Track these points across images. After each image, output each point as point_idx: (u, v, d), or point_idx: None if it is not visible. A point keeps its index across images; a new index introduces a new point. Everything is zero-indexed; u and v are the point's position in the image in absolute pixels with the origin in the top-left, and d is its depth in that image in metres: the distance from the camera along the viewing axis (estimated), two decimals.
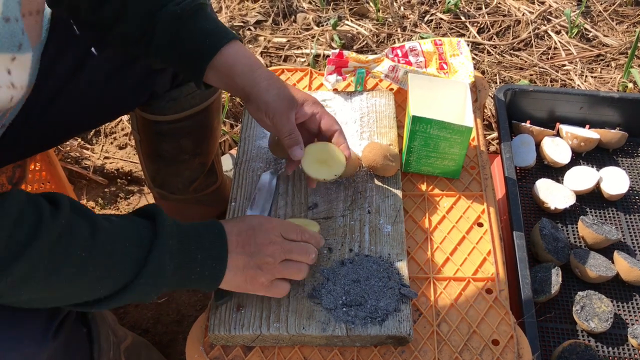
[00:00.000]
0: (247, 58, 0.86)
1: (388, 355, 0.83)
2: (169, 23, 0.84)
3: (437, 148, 0.98)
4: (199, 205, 1.38)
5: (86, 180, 1.65)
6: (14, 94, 0.60)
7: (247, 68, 0.85)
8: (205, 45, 0.85)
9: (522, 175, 1.28)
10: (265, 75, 0.86)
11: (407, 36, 1.97)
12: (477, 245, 0.95)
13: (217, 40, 0.85)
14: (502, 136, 1.19)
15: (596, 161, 1.29)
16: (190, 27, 0.85)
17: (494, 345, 0.84)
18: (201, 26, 0.85)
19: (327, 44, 1.94)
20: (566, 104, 1.30)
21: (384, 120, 1.10)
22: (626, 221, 1.19)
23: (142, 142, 1.22)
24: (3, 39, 0.56)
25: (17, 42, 0.57)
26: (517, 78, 1.84)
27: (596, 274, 1.06)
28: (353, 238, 0.92)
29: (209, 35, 0.85)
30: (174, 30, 0.85)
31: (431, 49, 1.19)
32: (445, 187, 1.03)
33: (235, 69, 0.85)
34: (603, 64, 1.89)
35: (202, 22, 0.86)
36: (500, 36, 1.99)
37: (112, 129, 1.76)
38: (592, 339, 1.03)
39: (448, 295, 0.89)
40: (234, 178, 1.02)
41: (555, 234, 1.11)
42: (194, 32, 0.85)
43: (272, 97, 0.85)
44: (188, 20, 0.85)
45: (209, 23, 0.86)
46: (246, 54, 0.87)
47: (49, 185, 1.26)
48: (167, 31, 0.84)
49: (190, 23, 0.85)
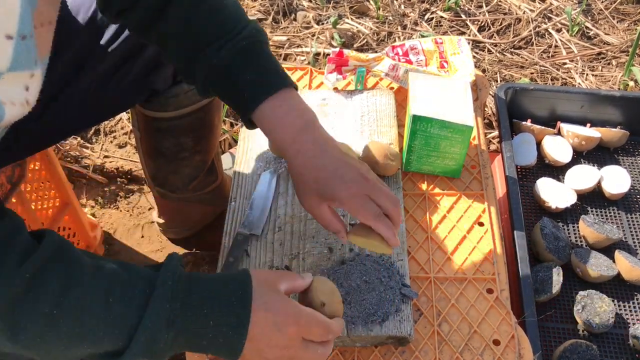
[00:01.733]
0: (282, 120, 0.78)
1: (388, 355, 0.83)
2: (208, 69, 0.79)
3: (438, 147, 0.98)
4: (199, 204, 1.38)
5: (86, 179, 1.64)
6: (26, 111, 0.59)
7: (287, 134, 0.78)
8: (244, 98, 0.79)
9: (523, 174, 1.27)
10: (304, 148, 0.78)
11: (408, 34, 1.96)
12: (478, 244, 0.95)
13: (253, 98, 0.78)
14: (502, 135, 1.19)
15: (597, 160, 1.29)
16: (228, 80, 0.79)
17: (495, 345, 0.84)
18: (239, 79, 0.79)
19: (327, 43, 1.94)
20: (567, 103, 1.29)
21: (384, 119, 1.09)
22: (627, 220, 1.19)
23: (143, 139, 1.22)
24: (21, 56, 0.53)
25: (34, 58, 0.55)
26: (517, 76, 1.84)
27: (597, 273, 1.05)
28: None
29: (246, 90, 0.78)
30: (214, 79, 0.79)
31: (432, 47, 1.18)
32: (445, 186, 1.03)
33: (274, 128, 0.78)
34: (604, 62, 1.88)
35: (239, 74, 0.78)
36: (500, 34, 1.98)
37: (111, 127, 1.76)
38: (593, 338, 1.02)
39: (449, 295, 0.89)
40: (234, 177, 1.02)
41: (556, 233, 1.11)
42: (232, 85, 0.79)
43: (302, 187, 0.78)
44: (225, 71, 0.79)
45: (247, 73, 0.78)
46: (279, 115, 0.78)
47: (49, 185, 1.26)
48: (207, 78, 0.80)
49: (227, 75, 0.79)
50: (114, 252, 1.51)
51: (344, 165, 0.77)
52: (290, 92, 0.79)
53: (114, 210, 1.59)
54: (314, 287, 0.73)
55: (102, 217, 1.58)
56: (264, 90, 0.78)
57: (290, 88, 0.80)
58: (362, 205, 0.76)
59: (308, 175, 0.77)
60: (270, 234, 0.93)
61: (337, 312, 0.73)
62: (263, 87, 0.79)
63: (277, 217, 0.95)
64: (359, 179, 0.76)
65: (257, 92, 0.79)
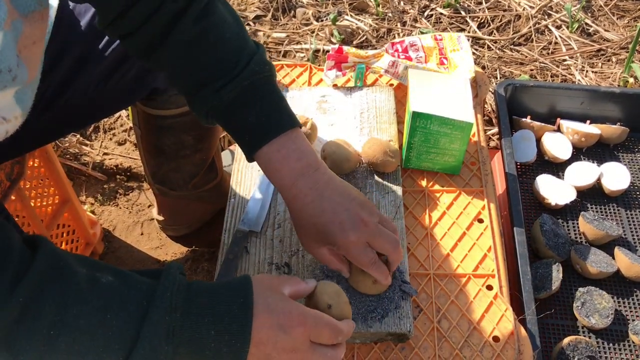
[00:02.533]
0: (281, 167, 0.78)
1: (388, 352, 0.83)
2: (207, 109, 0.78)
3: (438, 144, 0.98)
4: (199, 202, 1.38)
5: (85, 177, 1.64)
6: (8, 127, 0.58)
7: (285, 179, 0.78)
8: (245, 141, 0.79)
9: (523, 171, 1.27)
10: (302, 194, 0.77)
11: (407, 31, 1.96)
12: (478, 241, 0.95)
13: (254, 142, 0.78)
14: (502, 132, 1.19)
15: (597, 156, 1.29)
16: (230, 121, 0.79)
17: (495, 341, 0.84)
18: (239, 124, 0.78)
19: (326, 39, 1.93)
20: (567, 99, 1.29)
21: (384, 116, 1.09)
22: (627, 217, 1.19)
23: (143, 136, 1.22)
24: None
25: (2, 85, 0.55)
26: (517, 73, 1.83)
27: (597, 269, 1.05)
28: None
29: (247, 133, 0.78)
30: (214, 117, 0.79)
31: (431, 44, 1.18)
32: (445, 183, 1.03)
33: (274, 174, 0.78)
34: (604, 59, 1.88)
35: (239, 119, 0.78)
36: (500, 31, 1.98)
37: (111, 125, 1.75)
38: (593, 335, 1.02)
39: (448, 291, 0.89)
40: (233, 175, 1.02)
41: (556, 230, 1.11)
42: (234, 127, 0.79)
43: (301, 231, 0.79)
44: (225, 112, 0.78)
45: (249, 116, 0.78)
46: (280, 159, 0.77)
47: (48, 182, 1.25)
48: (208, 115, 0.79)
49: (227, 116, 0.79)
50: (114, 249, 1.51)
51: (343, 211, 0.76)
52: (292, 133, 0.78)
53: (113, 207, 1.59)
54: (319, 289, 0.72)
55: (101, 214, 1.58)
56: (263, 135, 0.77)
57: (293, 129, 0.78)
58: (359, 253, 0.77)
59: (306, 221, 0.78)
60: (270, 230, 0.93)
61: (344, 313, 0.72)
62: (263, 131, 0.78)
63: (277, 214, 0.95)
64: (358, 225, 0.75)
65: (257, 135, 0.78)
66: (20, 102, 0.60)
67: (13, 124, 0.59)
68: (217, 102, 0.77)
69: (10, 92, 0.58)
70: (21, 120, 0.61)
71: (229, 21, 0.79)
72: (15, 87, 0.57)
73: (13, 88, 0.57)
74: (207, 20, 0.77)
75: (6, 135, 0.59)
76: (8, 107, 0.58)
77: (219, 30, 0.77)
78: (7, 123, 0.58)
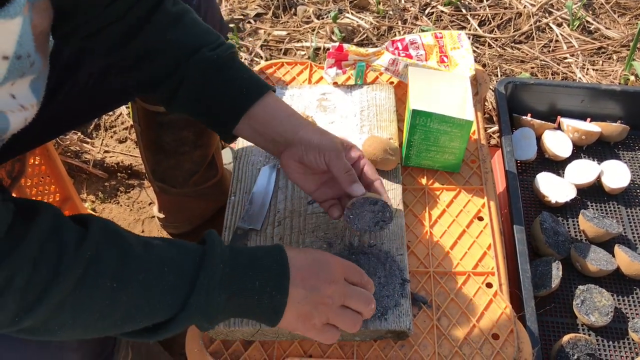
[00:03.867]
0: (287, 107, 0.84)
1: (388, 349, 0.83)
2: (202, 69, 0.80)
3: (438, 142, 0.98)
4: (199, 199, 1.38)
5: (86, 174, 1.64)
6: (27, 115, 0.61)
7: (289, 114, 0.83)
8: (242, 94, 0.81)
9: (523, 169, 1.27)
10: (307, 121, 0.84)
11: (408, 29, 1.96)
12: (478, 239, 0.95)
13: (257, 89, 0.82)
14: (502, 129, 1.19)
15: (597, 154, 1.29)
16: (225, 75, 0.81)
17: (494, 339, 0.84)
18: (237, 75, 0.82)
19: (327, 37, 1.93)
20: (567, 97, 1.29)
21: (384, 114, 1.09)
22: (627, 215, 1.19)
23: (143, 133, 1.22)
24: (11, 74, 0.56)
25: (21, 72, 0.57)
26: (518, 71, 1.83)
27: (597, 267, 1.05)
28: (352, 232, 0.91)
29: (246, 84, 0.82)
30: (207, 77, 0.80)
31: (432, 41, 1.18)
32: (445, 181, 1.03)
33: (277, 114, 0.81)
34: (605, 57, 1.88)
35: (237, 71, 0.82)
36: (501, 29, 1.98)
37: (112, 122, 1.76)
38: (593, 333, 1.02)
39: (448, 289, 0.89)
40: (234, 172, 1.02)
41: (556, 228, 1.11)
42: (229, 80, 0.81)
43: (325, 139, 0.81)
44: (223, 67, 0.81)
45: (244, 72, 0.82)
46: (284, 104, 0.84)
47: (49, 179, 1.26)
48: (199, 78, 0.80)
49: (225, 71, 0.81)
50: None
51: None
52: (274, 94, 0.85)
53: (114, 205, 1.59)
54: None
55: (102, 212, 1.58)
56: (262, 87, 0.82)
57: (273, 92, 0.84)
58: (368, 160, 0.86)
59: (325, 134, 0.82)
60: (270, 228, 0.94)
61: None
62: (261, 84, 0.83)
63: (277, 211, 0.96)
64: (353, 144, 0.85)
65: (256, 87, 0.81)
66: (34, 91, 0.62)
67: (30, 112, 0.62)
68: (215, 57, 0.80)
69: (27, 81, 0.60)
70: (36, 109, 0.62)
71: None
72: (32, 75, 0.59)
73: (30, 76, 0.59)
74: (181, 5, 0.83)
75: (25, 123, 0.61)
76: (25, 96, 0.60)
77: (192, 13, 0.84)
78: (25, 111, 0.60)
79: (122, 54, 0.81)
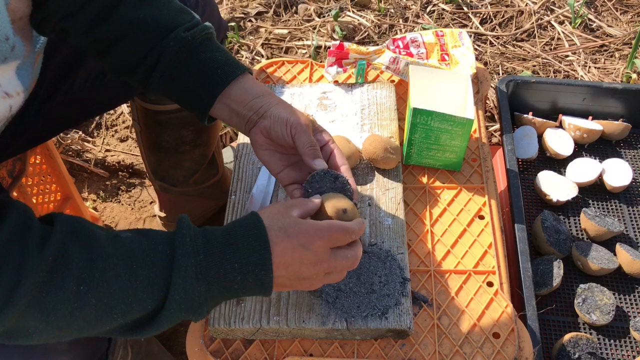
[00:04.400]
0: (263, 87, 0.83)
1: (388, 348, 0.83)
2: (177, 50, 0.79)
3: (438, 140, 0.98)
4: (200, 198, 1.38)
5: (87, 173, 1.65)
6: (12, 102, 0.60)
7: (264, 93, 0.82)
8: (217, 74, 0.80)
9: (524, 167, 1.27)
10: (281, 99, 0.83)
11: (409, 27, 1.96)
12: (478, 238, 0.95)
13: (231, 71, 0.81)
14: (504, 128, 1.19)
15: (599, 153, 1.28)
16: (202, 56, 0.81)
17: (495, 338, 0.84)
18: (213, 55, 0.81)
19: (328, 35, 1.93)
20: (569, 95, 1.29)
21: (384, 113, 1.09)
22: (629, 213, 1.18)
23: (143, 132, 1.22)
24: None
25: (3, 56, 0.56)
26: (519, 69, 1.83)
27: (598, 266, 1.05)
28: None
29: (222, 64, 0.81)
30: (183, 57, 0.80)
31: (433, 40, 1.18)
32: (446, 179, 1.03)
33: (252, 92, 0.81)
34: (607, 55, 1.87)
35: (213, 52, 0.81)
36: (503, 27, 1.98)
37: (113, 121, 1.76)
38: (594, 331, 1.02)
39: (449, 288, 0.89)
40: (234, 171, 1.02)
41: (557, 227, 1.11)
42: (205, 60, 0.81)
43: (294, 114, 0.81)
44: (199, 47, 0.80)
45: (220, 53, 0.82)
46: (261, 85, 0.83)
47: (50, 179, 1.26)
48: (174, 58, 0.79)
49: (201, 51, 0.81)
50: None
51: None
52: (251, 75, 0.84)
53: (115, 203, 1.59)
54: (326, 202, 0.74)
55: (103, 210, 1.58)
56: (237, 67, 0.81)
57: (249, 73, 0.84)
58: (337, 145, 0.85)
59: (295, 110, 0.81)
60: None
61: (356, 214, 0.75)
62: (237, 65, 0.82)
63: None
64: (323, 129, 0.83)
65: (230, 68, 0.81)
66: (21, 77, 0.61)
67: (16, 99, 0.60)
68: (190, 38, 0.79)
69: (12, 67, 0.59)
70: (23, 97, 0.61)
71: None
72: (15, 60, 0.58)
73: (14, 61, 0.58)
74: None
75: (10, 111, 0.60)
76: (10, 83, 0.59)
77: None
78: (10, 98, 0.59)
79: (96, 36, 0.80)
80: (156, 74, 0.80)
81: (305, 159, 0.79)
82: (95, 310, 0.60)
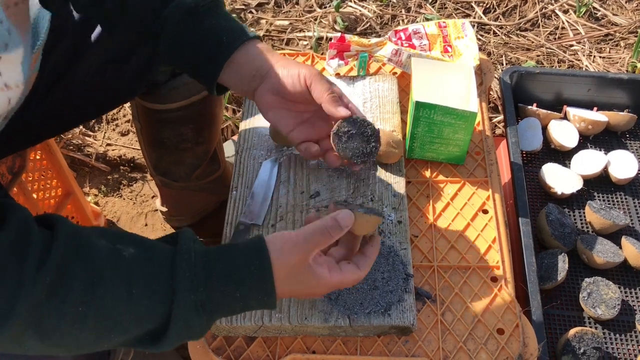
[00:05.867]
0: (270, 50, 0.82)
1: (392, 345, 0.82)
2: (181, 17, 0.78)
3: (441, 134, 0.97)
4: (202, 193, 1.37)
5: (89, 168, 1.64)
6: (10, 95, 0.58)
7: (270, 54, 0.81)
8: (222, 41, 0.79)
9: (528, 160, 1.25)
10: (286, 57, 0.83)
11: (412, 17, 1.94)
12: (482, 232, 0.94)
13: (238, 36, 0.79)
14: (507, 120, 1.17)
15: (604, 144, 1.27)
16: (206, 23, 0.79)
17: (499, 334, 0.83)
18: (218, 22, 0.80)
19: (330, 26, 1.91)
20: (573, 86, 1.27)
21: (387, 106, 1.08)
22: (635, 206, 1.17)
23: (144, 130, 1.21)
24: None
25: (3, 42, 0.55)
26: (523, 59, 1.81)
27: (603, 260, 1.04)
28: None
29: (228, 31, 0.79)
30: (186, 25, 0.78)
31: (435, 31, 1.16)
32: (449, 173, 1.02)
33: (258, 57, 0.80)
34: (612, 44, 1.85)
35: (219, 19, 0.80)
36: (506, 16, 1.95)
37: (114, 115, 1.75)
38: (599, 326, 1.01)
39: (452, 283, 0.88)
40: (235, 166, 1.01)
41: (562, 220, 1.10)
42: (210, 27, 0.79)
43: (303, 66, 0.80)
44: (204, 15, 0.79)
45: (226, 20, 0.80)
46: (269, 48, 0.82)
47: (50, 174, 1.25)
48: (179, 25, 0.78)
49: (206, 18, 0.79)
50: None
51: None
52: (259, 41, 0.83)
53: (117, 198, 1.59)
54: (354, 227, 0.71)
55: (105, 205, 1.58)
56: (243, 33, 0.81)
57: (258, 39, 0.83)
58: None
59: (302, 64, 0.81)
60: (272, 223, 0.93)
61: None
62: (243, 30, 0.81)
63: (279, 206, 0.94)
64: None
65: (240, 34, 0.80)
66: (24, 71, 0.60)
67: (15, 92, 0.59)
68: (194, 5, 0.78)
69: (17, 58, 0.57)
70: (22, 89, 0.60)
71: None
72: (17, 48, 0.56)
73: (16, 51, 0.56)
74: None
75: (9, 104, 0.58)
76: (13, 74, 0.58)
77: None
78: (9, 90, 0.58)
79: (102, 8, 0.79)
80: (161, 43, 0.79)
81: (326, 106, 0.77)
82: (94, 330, 0.60)
